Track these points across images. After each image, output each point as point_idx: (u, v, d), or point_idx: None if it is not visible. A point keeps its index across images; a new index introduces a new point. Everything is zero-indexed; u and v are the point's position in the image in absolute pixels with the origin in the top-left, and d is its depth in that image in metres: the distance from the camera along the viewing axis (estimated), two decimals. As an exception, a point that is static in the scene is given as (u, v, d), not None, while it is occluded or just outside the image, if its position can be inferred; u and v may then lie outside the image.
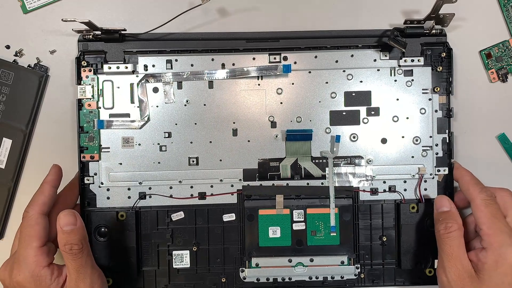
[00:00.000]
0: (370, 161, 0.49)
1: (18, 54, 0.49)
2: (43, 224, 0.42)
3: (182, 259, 0.49)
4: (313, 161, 0.49)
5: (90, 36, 0.46)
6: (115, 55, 0.48)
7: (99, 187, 0.48)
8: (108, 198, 0.48)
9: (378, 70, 0.48)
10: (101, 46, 0.47)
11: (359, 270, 0.49)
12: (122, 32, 0.47)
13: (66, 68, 0.49)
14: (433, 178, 0.49)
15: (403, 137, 0.49)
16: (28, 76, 0.48)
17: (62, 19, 0.44)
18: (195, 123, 0.48)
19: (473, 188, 0.44)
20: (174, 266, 0.49)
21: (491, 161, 0.50)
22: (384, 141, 0.49)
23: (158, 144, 0.48)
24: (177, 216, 0.49)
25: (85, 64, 0.48)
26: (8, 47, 0.49)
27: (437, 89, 0.48)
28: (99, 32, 0.46)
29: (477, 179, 0.45)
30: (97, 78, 0.48)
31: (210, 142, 0.49)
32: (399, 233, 0.48)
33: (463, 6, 0.48)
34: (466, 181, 0.45)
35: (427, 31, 0.47)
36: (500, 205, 0.43)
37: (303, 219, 0.48)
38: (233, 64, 0.48)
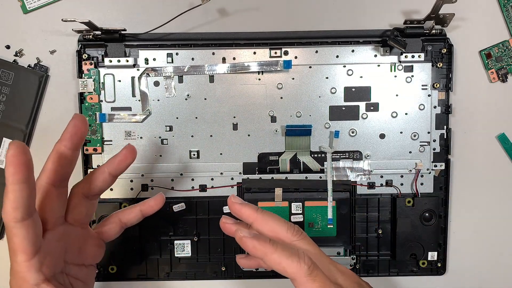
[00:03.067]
0: (368, 156, 0.50)
1: (18, 54, 0.49)
2: (22, 234, 0.31)
3: (183, 248, 0.50)
4: (312, 155, 0.50)
5: (90, 36, 0.46)
6: (116, 51, 0.48)
7: (102, 179, 0.49)
8: (111, 189, 0.49)
9: (379, 65, 0.49)
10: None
11: (354, 261, 0.50)
12: (122, 32, 0.47)
13: (66, 68, 0.49)
14: (429, 173, 0.50)
15: (401, 132, 0.49)
16: (28, 76, 0.48)
17: (62, 19, 0.43)
18: (196, 117, 0.49)
19: (287, 264, 0.33)
20: (176, 255, 0.50)
21: (491, 161, 0.50)
22: (382, 136, 0.49)
23: (160, 137, 0.49)
24: (179, 207, 0.50)
25: (86, 57, 0.48)
26: (8, 47, 0.49)
27: (436, 85, 0.48)
28: (99, 32, 0.46)
29: (280, 244, 0.34)
30: (98, 71, 0.48)
31: (211, 136, 0.49)
32: (394, 226, 0.50)
33: (463, 6, 0.48)
34: (274, 258, 0.33)
35: (427, 31, 0.47)
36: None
37: (301, 212, 0.50)
38: (234, 58, 0.48)
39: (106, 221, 0.42)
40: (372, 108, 0.49)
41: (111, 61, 0.48)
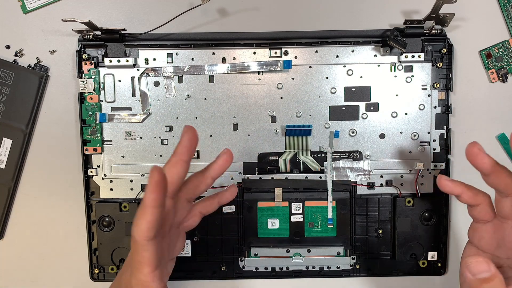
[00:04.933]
0: (368, 156, 0.50)
1: (18, 54, 0.49)
2: (152, 250, 0.36)
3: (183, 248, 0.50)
4: (312, 155, 0.50)
5: (90, 36, 0.46)
6: (116, 51, 0.48)
7: (102, 179, 0.49)
8: (111, 189, 0.49)
9: (379, 65, 0.49)
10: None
11: (354, 260, 0.50)
12: (122, 32, 0.47)
13: (67, 68, 0.49)
14: (429, 173, 0.49)
15: (401, 132, 0.49)
16: (28, 76, 0.48)
17: (62, 19, 0.43)
18: (196, 117, 0.49)
19: None
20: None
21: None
22: (382, 136, 0.49)
23: (160, 137, 0.49)
24: (179, 207, 0.50)
25: (86, 57, 0.48)
26: (8, 47, 0.49)
27: (436, 85, 0.48)
28: (99, 32, 0.46)
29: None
30: (98, 71, 0.48)
31: (211, 136, 0.49)
32: (394, 226, 0.50)
33: (463, 6, 0.48)
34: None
35: (427, 31, 0.46)
36: None
37: (301, 212, 0.50)
38: (234, 59, 0.48)
39: (189, 215, 0.42)
40: (372, 108, 0.49)
41: (111, 61, 0.48)
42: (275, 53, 0.48)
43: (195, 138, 0.37)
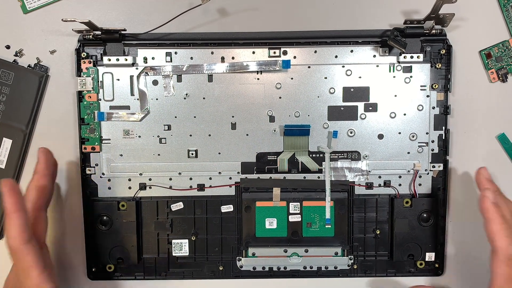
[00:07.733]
0: (366, 156, 0.49)
1: (18, 54, 0.49)
2: (33, 252, 0.39)
3: (181, 247, 0.50)
4: (310, 155, 0.50)
5: (90, 36, 0.46)
6: (115, 50, 0.48)
7: (100, 177, 0.49)
8: (109, 188, 0.49)
9: (377, 66, 0.48)
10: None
11: (352, 261, 0.50)
12: (122, 32, 0.47)
13: (66, 68, 0.49)
14: (428, 174, 0.49)
15: (399, 133, 0.49)
16: (28, 76, 0.48)
17: (62, 19, 0.43)
18: (194, 116, 0.49)
19: (500, 240, 0.41)
20: (173, 254, 0.50)
21: (491, 161, 0.50)
22: (380, 137, 0.49)
23: (158, 136, 0.49)
24: (177, 206, 0.50)
25: (85, 55, 0.48)
26: (8, 47, 0.49)
27: (435, 86, 0.48)
28: (99, 32, 0.46)
29: (507, 225, 0.41)
30: (97, 70, 0.48)
31: (209, 135, 0.49)
32: (392, 227, 0.50)
33: (463, 6, 0.48)
34: (495, 229, 0.41)
35: (427, 31, 0.46)
36: None
37: (299, 211, 0.50)
38: (233, 58, 0.48)
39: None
40: (370, 108, 0.49)
41: (110, 60, 0.48)
42: (274, 52, 0.48)
43: (50, 157, 0.45)
